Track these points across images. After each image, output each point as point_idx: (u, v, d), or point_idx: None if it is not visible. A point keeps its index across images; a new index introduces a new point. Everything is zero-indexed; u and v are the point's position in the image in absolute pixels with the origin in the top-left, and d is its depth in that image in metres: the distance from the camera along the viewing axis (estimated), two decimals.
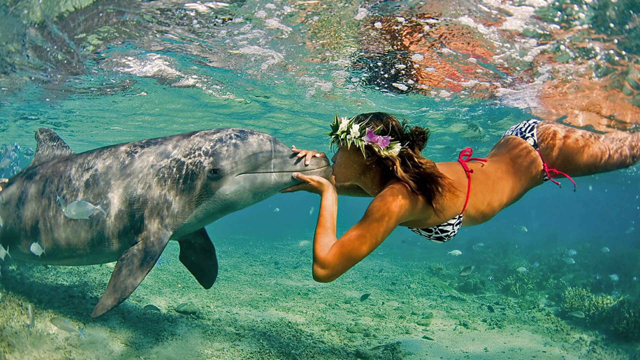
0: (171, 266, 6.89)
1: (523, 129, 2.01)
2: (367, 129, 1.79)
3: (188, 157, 2.28)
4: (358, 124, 1.81)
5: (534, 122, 2.02)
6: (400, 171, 1.72)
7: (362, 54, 3.79)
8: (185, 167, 2.27)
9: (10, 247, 2.92)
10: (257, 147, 2.22)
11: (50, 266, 5.33)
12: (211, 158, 2.23)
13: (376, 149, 1.76)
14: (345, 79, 4.65)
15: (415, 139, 1.83)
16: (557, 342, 4.34)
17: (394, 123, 1.82)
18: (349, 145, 1.80)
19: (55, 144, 3.18)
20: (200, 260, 3.07)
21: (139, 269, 2.16)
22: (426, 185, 1.72)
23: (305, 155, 2.17)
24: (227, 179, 2.21)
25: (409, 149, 1.79)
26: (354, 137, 1.78)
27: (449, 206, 1.80)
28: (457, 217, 1.84)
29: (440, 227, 1.86)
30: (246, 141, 2.24)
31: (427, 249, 11.72)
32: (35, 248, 2.51)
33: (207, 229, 3.18)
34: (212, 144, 2.28)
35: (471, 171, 1.86)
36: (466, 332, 4.55)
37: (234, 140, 2.25)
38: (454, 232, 1.87)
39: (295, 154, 2.23)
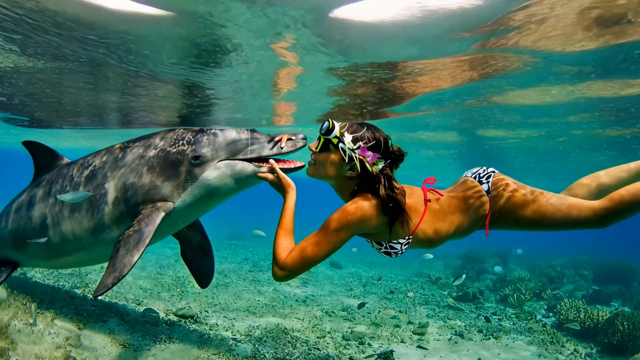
0: (170, 271, 6.96)
1: (481, 175, 2.18)
2: (360, 143, 1.88)
3: (173, 146, 2.51)
4: (352, 133, 1.89)
5: (491, 171, 2.19)
6: (382, 191, 1.84)
7: None
8: (170, 156, 2.49)
9: (22, 251, 3.08)
10: (236, 135, 2.42)
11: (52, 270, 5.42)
12: (193, 146, 2.44)
13: (367, 166, 1.87)
14: None
15: (395, 159, 1.95)
16: (552, 354, 4.36)
17: (384, 140, 1.92)
18: (344, 154, 1.89)
19: (51, 156, 3.38)
20: (198, 258, 3.26)
21: (135, 247, 2.30)
22: (394, 210, 1.86)
23: (281, 139, 2.31)
24: (209, 165, 2.42)
25: (388, 169, 1.91)
26: (349, 149, 1.87)
27: (402, 228, 1.95)
28: (407, 238, 1.99)
29: (390, 244, 2.00)
30: (225, 131, 2.46)
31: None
32: (38, 239, 2.72)
33: (206, 231, 3.32)
34: (193, 134, 2.51)
35: (429, 200, 2.02)
36: (461, 342, 4.57)
37: (213, 131, 2.49)
38: (402, 250, 2.01)
39: (272, 139, 2.38)
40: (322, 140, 1.93)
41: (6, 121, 5.89)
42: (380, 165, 1.89)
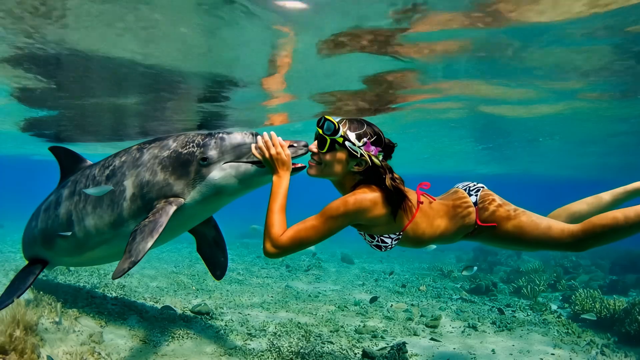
0: (185, 270, 7.12)
1: (471, 188, 2.35)
2: (365, 139, 1.98)
3: (184, 148, 2.72)
4: (354, 131, 1.99)
5: (481, 186, 2.37)
6: (389, 181, 1.95)
7: None
8: (182, 156, 2.70)
9: (51, 248, 3.34)
10: (241, 140, 2.59)
11: (72, 269, 5.63)
12: (202, 148, 2.64)
13: (374, 160, 1.98)
14: None
15: (389, 150, 2.06)
16: (567, 345, 4.33)
17: (381, 134, 2.03)
18: (353, 152, 1.98)
19: (75, 159, 3.67)
20: (213, 252, 3.48)
21: (149, 235, 2.50)
22: (398, 198, 1.97)
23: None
24: (216, 166, 2.60)
25: (385, 161, 2.03)
26: (356, 146, 1.96)
27: (400, 219, 2.04)
28: (398, 233, 2.09)
29: (382, 237, 2.10)
30: (231, 135, 2.63)
31: (439, 250, 11.67)
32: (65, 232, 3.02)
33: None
34: (203, 137, 2.70)
35: (422, 202, 2.15)
36: (474, 334, 4.57)
37: (221, 135, 2.66)
38: (391, 245, 2.13)
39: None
40: (328, 141, 2.00)
41: (39, 136, 6.36)
42: (380, 157, 2.00)
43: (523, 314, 5.55)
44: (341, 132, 1.97)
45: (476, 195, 2.29)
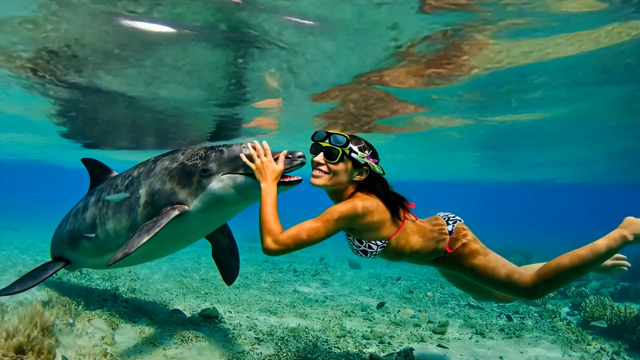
0: (195, 274, 7.21)
1: (450, 218, 2.57)
2: (366, 151, 2.19)
3: (189, 160, 2.96)
4: (356, 144, 2.18)
5: (458, 219, 2.57)
6: (389, 188, 2.18)
7: None
8: (186, 168, 2.93)
9: (75, 248, 3.60)
10: (239, 152, 2.75)
11: (84, 271, 5.75)
12: (203, 161, 2.86)
13: (377, 169, 2.18)
14: None
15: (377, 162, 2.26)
16: (577, 352, 4.28)
17: (374, 148, 2.26)
18: (360, 162, 2.16)
19: (103, 169, 4.03)
20: (226, 258, 3.72)
21: (146, 232, 2.73)
22: (396, 201, 2.18)
23: (278, 157, 2.54)
24: (215, 177, 2.80)
25: None
26: (361, 157, 2.15)
27: (389, 228, 2.21)
28: (384, 241, 2.24)
29: (369, 243, 2.24)
30: (230, 148, 2.82)
31: None
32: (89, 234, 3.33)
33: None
34: (205, 151, 2.92)
35: (406, 219, 2.33)
36: (482, 341, 4.55)
37: (221, 148, 2.86)
38: (376, 252, 2.27)
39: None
40: (340, 151, 2.15)
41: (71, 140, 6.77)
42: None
43: (532, 321, 5.49)
44: (350, 145, 2.15)
45: (452, 226, 2.49)
